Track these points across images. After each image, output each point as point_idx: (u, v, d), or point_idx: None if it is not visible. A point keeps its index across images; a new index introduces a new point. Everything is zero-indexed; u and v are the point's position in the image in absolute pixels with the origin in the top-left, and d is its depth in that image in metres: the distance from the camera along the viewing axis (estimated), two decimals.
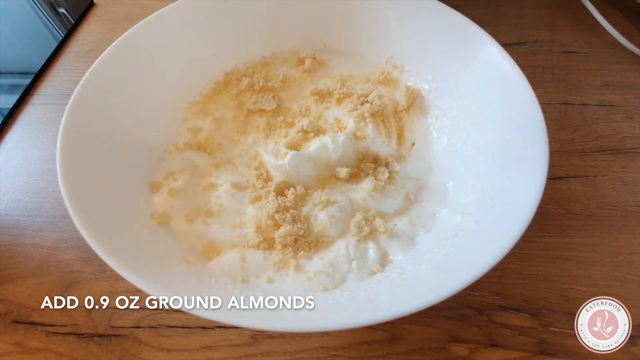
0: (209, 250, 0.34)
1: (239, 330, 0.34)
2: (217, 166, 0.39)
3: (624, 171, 0.41)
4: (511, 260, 0.35)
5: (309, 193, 0.37)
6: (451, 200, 0.36)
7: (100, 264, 0.28)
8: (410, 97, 0.42)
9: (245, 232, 0.35)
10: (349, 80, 0.44)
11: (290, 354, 0.33)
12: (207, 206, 0.36)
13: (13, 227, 0.40)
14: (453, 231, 0.33)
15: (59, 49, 0.54)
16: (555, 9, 0.55)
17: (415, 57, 0.42)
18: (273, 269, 0.33)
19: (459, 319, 0.34)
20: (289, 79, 0.44)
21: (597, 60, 0.49)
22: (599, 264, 0.36)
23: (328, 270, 0.32)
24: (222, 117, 0.42)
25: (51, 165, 0.43)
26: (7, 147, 0.46)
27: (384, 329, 0.33)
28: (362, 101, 0.41)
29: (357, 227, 0.34)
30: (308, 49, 0.46)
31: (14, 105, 0.48)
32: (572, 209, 0.39)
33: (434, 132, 0.41)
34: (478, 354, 0.32)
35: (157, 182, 0.37)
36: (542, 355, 0.32)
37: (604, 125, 0.44)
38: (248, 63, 0.45)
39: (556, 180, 0.40)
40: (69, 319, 0.35)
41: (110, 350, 0.33)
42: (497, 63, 0.36)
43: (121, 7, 0.59)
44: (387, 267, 0.33)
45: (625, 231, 0.37)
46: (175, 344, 0.33)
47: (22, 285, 0.36)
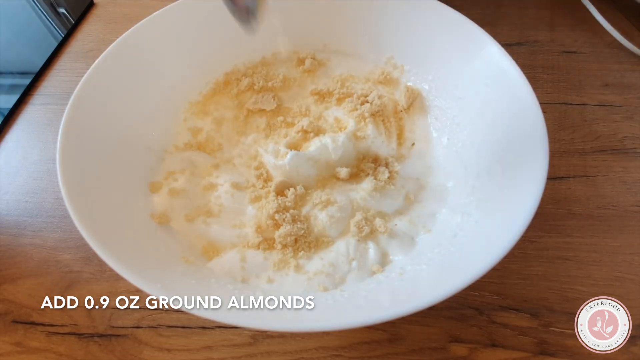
0: (209, 250, 0.34)
1: (239, 330, 0.34)
2: (217, 166, 0.39)
3: (624, 171, 0.41)
4: (511, 260, 0.35)
5: (309, 193, 0.37)
6: (451, 200, 0.36)
7: (100, 264, 0.27)
8: (410, 97, 0.42)
9: (245, 232, 0.35)
10: (349, 80, 0.44)
11: (290, 354, 0.33)
12: (207, 206, 0.36)
13: (13, 227, 0.40)
14: (453, 231, 0.33)
15: (59, 49, 0.54)
16: (555, 9, 0.55)
17: (415, 57, 0.43)
18: (273, 269, 0.33)
19: (459, 319, 0.34)
20: (289, 79, 0.44)
21: (597, 60, 0.49)
22: (599, 264, 0.36)
23: (328, 270, 0.32)
24: (222, 117, 0.42)
25: (51, 165, 0.43)
26: (7, 147, 0.46)
27: (384, 329, 0.33)
28: (362, 101, 0.41)
29: (357, 227, 0.34)
30: (308, 49, 0.46)
31: (14, 105, 0.48)
32: (572, 209, 0.39)
33: (434, 132, 0.41)
34: (478, 354, 0.32)
35: (157, 182, 0.37)
36: (542, 355, 0.32)
37: (604, 125, 0.44)
38: (248, 63, 0.45)
39: (556, 180, 0.40)
40: (69, 319, 0.35)
41: (110, 350, 0.33)
42: (497, 63, 0.36)
43: (121, 7, 0.59)
44: (387, 267, 0.33)
45: (625, 231, 0.37)
46: (175, 344, 0.33)
47: (22, 285, 0.36)
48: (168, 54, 0.41)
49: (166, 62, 0.41)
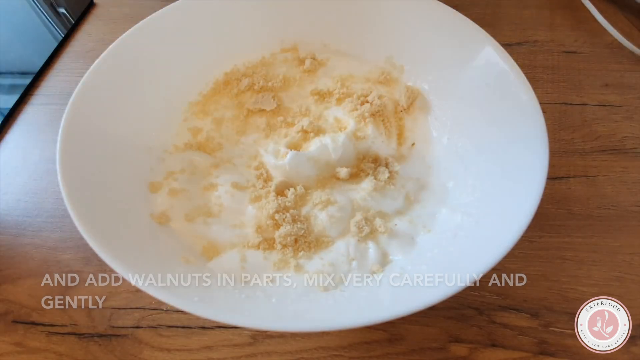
0: (209, 250, 0.34)
1: (239, 330, 0.34)
2: (217, 166, 0.39)
3: (624, 171, 0.41)
4: (511, 260, 0.35)
5: (309, 193, 0.37)
6: (451, 200, 0.36)
7: (100, 264, 0.27)
8: (410, 97, 0.42)
9: (245, 232, 0.35)
10: (348, 80, 0.44)
11: (290, 354, 0.33)
12: (207, 206, 0.36)
13: (13, 227, 0.40)
14: (453, 231, 0.33)
15: (59, 49, 0.54)
16: (555, 9, 0.55)
17: (415, 57, 0.42)
18: (273, 269, 0.33)
19: (459, 319, 0.34)
20: (289, 79, 0.44)
21: (597, 60, 0.49)
22: (599, 264, 0.36)
23: (328, 270, 0.32)
24: (222, 117, 0.42)
25: (51, 165, 0.43)
26: (7, 147, 0.46)
27: (384, 329, 0.33)
28: (362, 101, 0.41)
29: (357, 227, 0.34)
30: (308, 49, 0.46)
31: (14, 105, 0.48)
32: (572, 209, 0.39)
33: (434, 132, 0.41)
34: (478, 354, 0.32)
35: (157, 182, 0.37)
36: (542, 355, 0.32)
37: (604, 125, 0.44)
38: (248, 63, 0.45)
39: (556, 180, 0.40)
40: (69, 319, 0.35)
41: (110, 350, 0.33)
42: (497, 63, 0.36)
43: (121, 7, 0.59)
44: (387, 267, 0.33)
45: (625, 231, 0.37)
46: (175, 344, 0.33)
47: (22, 285, 0.36)
48: (168, 54, 0.41)
49: (166, 62, 0.41)
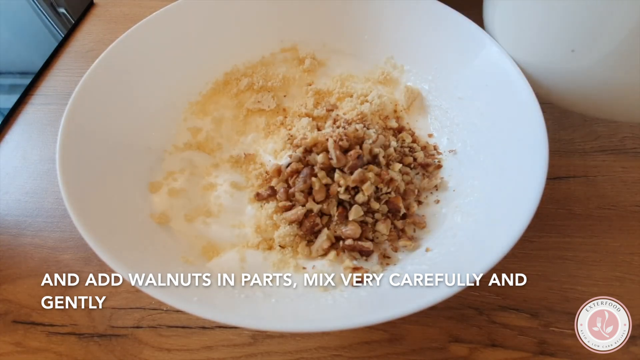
0: (208, 250, 0.34)
1: (239, 330, 0.33)
2: (216, 166, 0.39)
3: (624, 171, 0.41)
4: (511, 260, 0.35)
5: None
6: (451, 200, 0.36)
7: (100, 264, 0.27)
8: (410, 97, 0.42)
9: (245, 232, 0.35)
10: (348, 79, 0.44)
11: (290, 354, 0.33)
12: (207, 206, 0.36)
13: (13, 227, 0.40)
14: (453, 231, 0.33)
15: (59, 49, 0.54)
16: None
17: (415, 57, 0.42)
18: (272, 269, 0.33)
19: (459, 319, 0.34)
20: (289, 79, 0.44)
21: None
22: (599, 264, 0.36)
23: (328, 270, 0.32)
24: (221, 117, 0.42)
25: (51, 165, 0.43)
26: (7, 147, 0.46)
27: (384, 329, 0.33)
28: (362, 101, 0.41)
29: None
30: (308, 48, 0.46)
31: (14, 105, 0.48)
32: (572, 209, 0.39)
33: (434, 132, 0.41)
34: (478, 354, 0.32)
35: (157, 182, 0.37)
36: (542, 355, 0.32)
37: (604, 125, 0.44)
38: (248, 63, 0.45)
39: (556, 180, 0.40)
40: (69, 319, 0.35)
41: (110, 350, 0.33)
42: (497, 63, 0.36)
43: (121, 7, 0.59)
44: (387, 267, 0.33)
45: (625, 231, 0.37)
46: (175, 344, 0.33)
47: (22, 285, 0.36)
48: (168, 54, 0.41)
49: (166, 62, 0.41)
